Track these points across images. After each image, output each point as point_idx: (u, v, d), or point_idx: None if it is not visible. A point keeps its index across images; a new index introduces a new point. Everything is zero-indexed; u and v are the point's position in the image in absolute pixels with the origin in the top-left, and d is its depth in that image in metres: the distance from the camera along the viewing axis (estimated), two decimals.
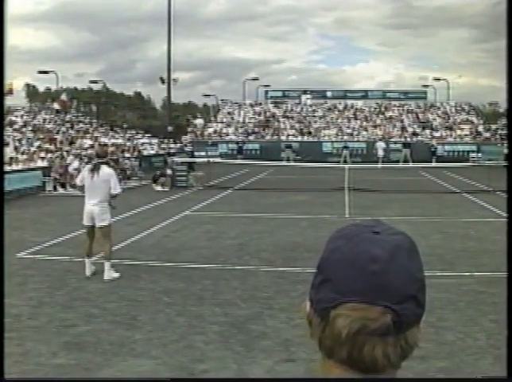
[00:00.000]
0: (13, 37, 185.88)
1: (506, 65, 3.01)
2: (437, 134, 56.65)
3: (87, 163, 30.52)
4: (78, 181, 12.22)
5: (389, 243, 1.25)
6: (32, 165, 28.98)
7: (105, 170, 11.81)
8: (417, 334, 1.26)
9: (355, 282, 1.21)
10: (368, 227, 1.30)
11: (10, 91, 49.94)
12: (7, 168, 26.13)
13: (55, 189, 28.16)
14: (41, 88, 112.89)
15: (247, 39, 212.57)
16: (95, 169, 11.81)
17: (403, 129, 58.59)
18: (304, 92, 67.70)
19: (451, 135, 56.44)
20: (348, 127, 59.61)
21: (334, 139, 56.86)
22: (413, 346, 1.25)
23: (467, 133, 56.63)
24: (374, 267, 1.21)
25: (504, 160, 39.24)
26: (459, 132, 56.93)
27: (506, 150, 41.96)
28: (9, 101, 48.96)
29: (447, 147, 53.21)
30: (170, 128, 54.79)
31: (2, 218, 4.14)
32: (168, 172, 31.46)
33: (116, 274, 11.70)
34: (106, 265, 11.64)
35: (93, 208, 11.68)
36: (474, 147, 52.27)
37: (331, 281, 1.24)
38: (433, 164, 43.32)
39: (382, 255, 1.22)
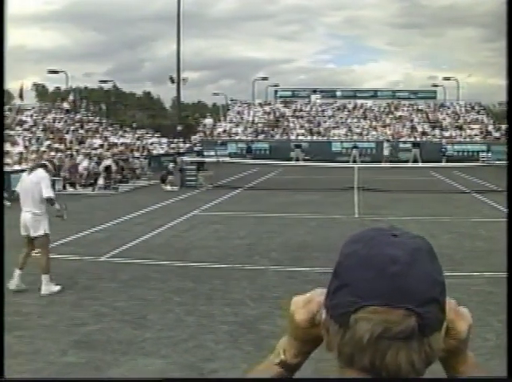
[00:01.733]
0: (21, 37, 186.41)
1: (506, 65, 3.00)
2: (447, 134, 56.50)
3: (96, 163, 30.77)
4: (17, 188, 11.42)
5: (408, 246, 1.21)
6: None
7: (38, 173, 10.99)
8: (440, 341, 1.21)
9: (375, 284, 1.16)
10: (385, 230, 1.27)
11: (21, 93, 50.10)
12: (16, 167, 26.18)
13: (64, 188, 28.22)
14: (51, 88, 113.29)
15: (256, 38, 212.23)
16: (31, 171, 11.18)
17: (413, 128, 58.46)
18: (314, 92, 67.58)
19: (460, 135, 56.28)
20: (358, 127, 59.50)
21: (343, 139, 56.77)
22: (438, 352, 1.21)
23: (477, 133, 56.45)
24: (394, 268, 1.16)
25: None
26: (469, 132, 56.76)
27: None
28: (18, 100, 49.17)
29: (456, 147, 53.05)
30: (179, 128, 54.83)
31: (2, 218, 4.14)
32: (171, 165, 31.49)
33: (56, 288, 10.69)
34: (44, 278, 10.66)
35: (25, 215, 10.82)
36: (484, 147, 52.06)
37: (349, 285, 1.19)
38: (443, 164, 43.15)
39: (401, 257, 1.18)
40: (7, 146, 29.55)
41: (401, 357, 1.14)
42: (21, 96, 49.82)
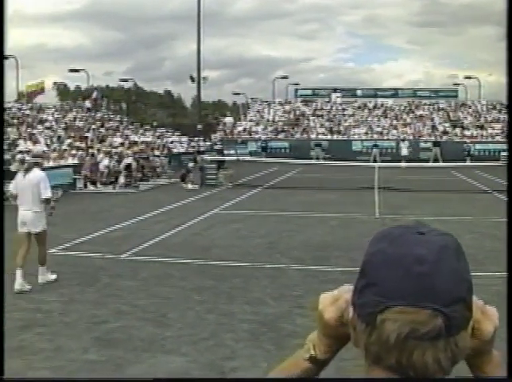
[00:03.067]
0: (42, 36, 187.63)
1: (506, 65, 2.97)
2: (468, 133, 56.18)
3: (117, 161, 30.89)
4: (11, 188, 11.69)
5: (435, 244, 1.21)
6: (63, 162, 29.18)
7: (35, 173, 11.25)
8: (467, 338, 1.22)
9: (401, 285, 1.17)
10: (411, 228, 1.26)
11: (42, 90, 50.44)
12: None
13: (85, 186, 28.34)
14: (71, 87, 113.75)
15: (275, 37, 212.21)
16: (27, 171, 11.36)
17: (433, 127, 58.17)
18: (334, 91, 67.43)
19: (482, 135, 55.92)
20: (378, 126, 59.28)
21: (364, 138, 56.59)
22: (464, 350, 1.21)
23: (499, 132, 56.05)
24: (421, 268, 1.16)
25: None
26: (490, 131, 56.38)
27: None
28: (40, 99, 49.44)
29: (478, 146, 52.68)
30: (200, 126, 54.89)
31: (2, 219, 4.14)
32: (190, 164, 31.51)
33: (52, 276, 11.22)
34: (41, 269, 11.14)
35: (25, 213, 11.10)
36: (505, 146, 51.59)
37: (376, 284, 1.20)
38: (464, 163, 42.83)
39: (428, 256, 1.18)
40: (29, 145, 29.73)
41: (427, 357, 1.15)
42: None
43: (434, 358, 1.15)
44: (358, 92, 67.96)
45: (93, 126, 42.68)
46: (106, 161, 30.32)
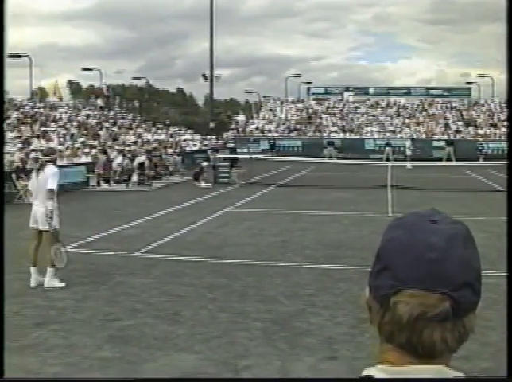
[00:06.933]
0: (52, 35, 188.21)
1: (506, 64, 2.94)
2: (481, 132, 55.97)
3: (130, 159, 30.96)
4: (29, 186, 11.69)
5: (445, 232, 1.29)
6: (76, 160, 29.27)
7: (48, 169, 11.02)
8: (474, 320, 1.30)
9: (413, 270, 1.26)
10: (425, 216, 1.34)
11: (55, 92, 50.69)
12: None
13: (98, 184, 28.41)
14: (84, 85, 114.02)
15: (287, 36, 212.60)
16: (40, 168, 11.25)
17: (446, 126, 57.97)
18: (347, 89, 67.33)
19: (495, 133, 55.67)
20: (391, 124, 59.15)
21: (376, 136, 56.45)
22: (470, 332, 1.30)
23: None
24: (432, 254, 1.25)
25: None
26: (503, 129, 56.07)
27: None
28: (54, 98, 49.64)
29: (491, 145, 52.46)
30: (212, 125, 54.93)
31: (2, 218, 4.15)
32: (204, 163, 31.51)
33: (59, 284, 10.71)
34: (48, 271, 10.72)
35: (37, 208, 10.95)
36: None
37: (390, 268, 1.29)
38: (477, 162, 42.63)
39: (438, 244, 1.26)
40: (42, 143, 29.84)
41: (436, 336, 1.25)
42: (55, 93, 50.43)
43: (442, 338, 1.25)
44: (371, 91, 67.92)
45: (106, 125, 42.80)
46: (119, 160, 30.39)
